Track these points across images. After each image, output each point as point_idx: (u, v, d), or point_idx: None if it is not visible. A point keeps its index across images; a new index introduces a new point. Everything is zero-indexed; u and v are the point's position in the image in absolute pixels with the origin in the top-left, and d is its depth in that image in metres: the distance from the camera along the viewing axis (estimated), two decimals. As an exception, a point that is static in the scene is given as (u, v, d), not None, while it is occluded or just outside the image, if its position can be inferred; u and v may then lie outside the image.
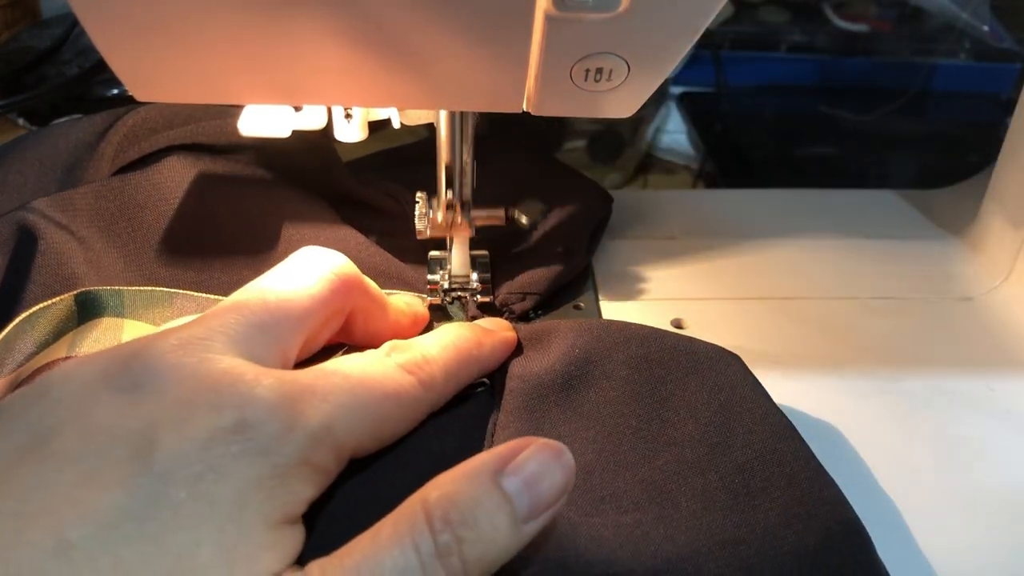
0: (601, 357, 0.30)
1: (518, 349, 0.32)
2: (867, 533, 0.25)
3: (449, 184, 0.33)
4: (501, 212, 0.36)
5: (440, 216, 0.34)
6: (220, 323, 0.24)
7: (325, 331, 0.29)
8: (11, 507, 0.19)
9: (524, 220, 0.35)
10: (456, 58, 0.23)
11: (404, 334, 0.32)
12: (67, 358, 0.30)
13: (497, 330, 0.31)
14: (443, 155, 0.32)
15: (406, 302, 0.33)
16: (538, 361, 0.31)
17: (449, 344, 0.29)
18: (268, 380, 0.23)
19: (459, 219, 0.34)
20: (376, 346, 0.31)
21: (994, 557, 0.29)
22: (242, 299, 0.26)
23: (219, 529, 0.20)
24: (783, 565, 0.24)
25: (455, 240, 0.36)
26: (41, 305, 0.31)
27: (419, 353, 0.27)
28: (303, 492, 0.22)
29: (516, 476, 0.22)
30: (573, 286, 0.41)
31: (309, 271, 0.27)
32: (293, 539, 0.22)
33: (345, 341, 0.31)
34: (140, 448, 0.21)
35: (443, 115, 0.31)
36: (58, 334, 0.31)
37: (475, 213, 0.35)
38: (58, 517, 0.19)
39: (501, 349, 0.31)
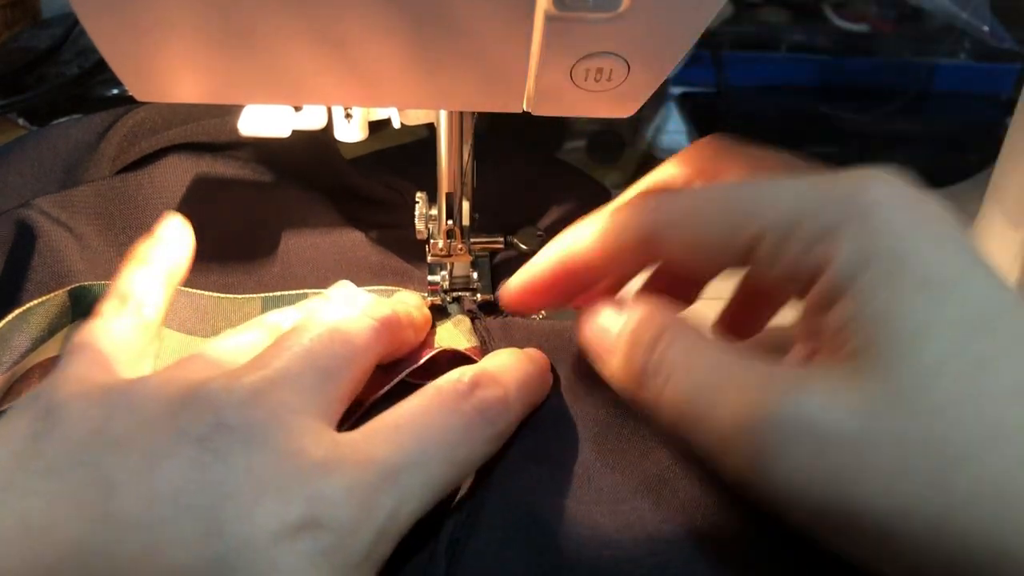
0: None
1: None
2: None
3: (449, 214, 0.34)
4: (500, 238, 0.37)
5: (440, 244, 0.34)
6: (291, 371, 0.23)
7: (366, 376, 0.27)
8: (72, 571, 0.19)
9: (524, 247, 0.37)
10: (456, 58, 0.23)
11: (416, 341, 0.31)
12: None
13: (542, 365, 0.30)
14: (443, 157, 0.32)
15: (414, 305, 0.32)
16: None
17: (522, 384, 0.27)
18: (341, 466, 0.21)
19: (459, 245, 0.35)
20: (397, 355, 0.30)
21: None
22: (308, 344, 0.24)
23: None
24: (784, 542, 0.24)
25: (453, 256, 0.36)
26: (35, 302, 0.31)
27: (500, 397, 0.26)
28: None
29: None
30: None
31: (360, 319, 0.26)
32: None
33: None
34: (207, 528, 0.20)
35: (443, 115, 0.31)
36: (52, 331, 0.31)
37: (474, 239, 0.35)
38: None
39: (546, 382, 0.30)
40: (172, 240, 0.30)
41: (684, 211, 0.24)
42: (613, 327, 0.25)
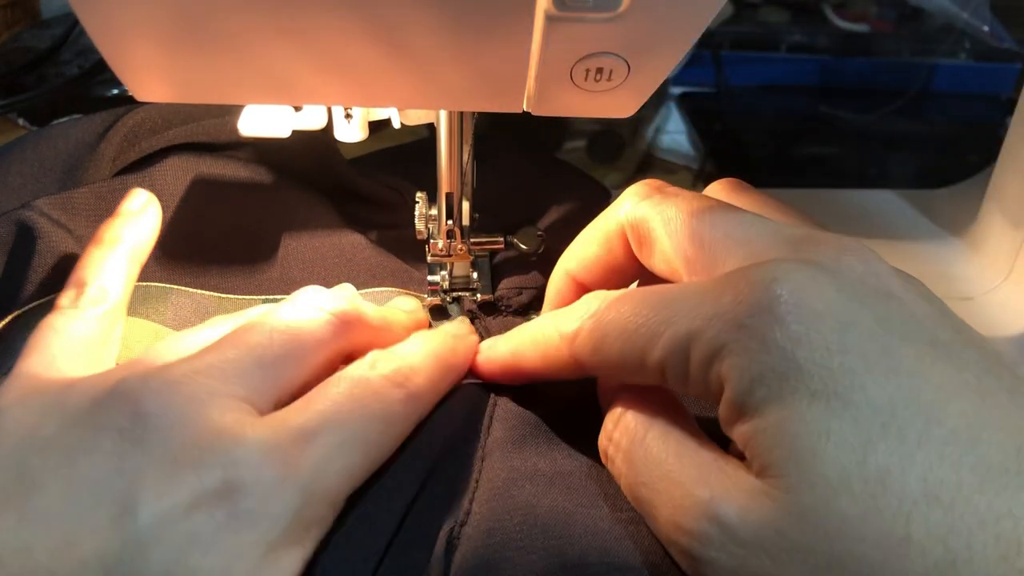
0: None
1: None
2: None
3: (449, 214, 0.34)
4: (500, 238, 0.37)
5: (440, 244, 0.34)
6: (220, 358, 0.23)
7: (326, 371, 0.27)
8: None
9: (524, 247, 0.36)
10: (456, 58, 0.23)
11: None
12: None
13: (464, 335, 0.31)
14: (443, 157, 0.32)
15: (407, 311, 0.32)
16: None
17: (430, 352, 0.28)
18: (255, 431, 0.22)
19: (459, 245, 0.35)
20: None
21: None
22: (244, 335, 0.25)
23: None
24: None
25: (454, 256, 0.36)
26: (35, 303, 0.31)
27: (405, 363, 0.27)
28: (293, 555, 0.21)
29: None
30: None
31: (311, 312, 0.26)
32: None
33: None
34: (121, 511, 0.20)
35: (443, 115, 0.31)
36: None
37: (474, 239, 0.35)
38: None
39: (472, 354, 0.30)
40: (134, 216, 0.30)
41: (594, 344, 0.24)
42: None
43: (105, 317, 0.28)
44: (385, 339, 0.29)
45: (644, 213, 0.26)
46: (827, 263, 0.22)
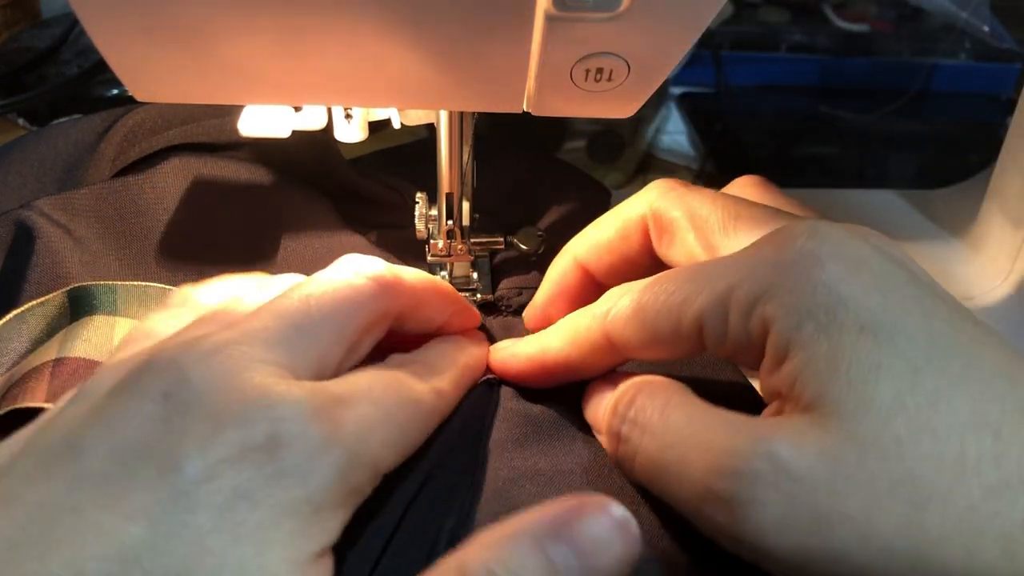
0: None
1: None
2: None
3: (449, 214, 0.34)
4: (500, 238, 0.37)
5: (440, 244, 0.35)
6: (258, 327, 0.23)
7: (368, 339, 0.27)
8: (38, 531, 0.19)
9: (524, 247, 0.37)
10: (456, 58, 0.23)
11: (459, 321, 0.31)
12: (59, 359, 0.30)
13: (479, 339, 0.31)
14: (443, 157, 0.32)
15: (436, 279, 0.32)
16: None
17: (448, 356, 0.29)
18: (301, 391, 0.22)
19: (459, 245, 0.35)
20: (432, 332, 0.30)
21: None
22: (281, 302, 0.24)
23: (241, 569, 0.19)
24: None
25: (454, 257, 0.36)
26: (32, 303, 0.31)
27: (426, 366, 0.27)
28: (337, 519, 0.22)
29: (567, 545, 0.19)
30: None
31: (348, 278, 0.26)
32: (322, 574, 0.21)
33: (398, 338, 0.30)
34: (166, 468, 0.20)
35: (443, 115, 0.31)
36: (50, 332, 0.31)
37: (474, 239, 0.35)
38: (80, 547, 0.19)
39: (485, 359, 0.31)
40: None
41: (629, 314, 0.25)
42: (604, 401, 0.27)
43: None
44: (425, 305, 0.29)
45: (669, 204, 0.27)
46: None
